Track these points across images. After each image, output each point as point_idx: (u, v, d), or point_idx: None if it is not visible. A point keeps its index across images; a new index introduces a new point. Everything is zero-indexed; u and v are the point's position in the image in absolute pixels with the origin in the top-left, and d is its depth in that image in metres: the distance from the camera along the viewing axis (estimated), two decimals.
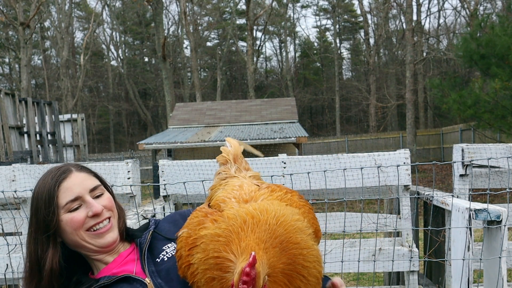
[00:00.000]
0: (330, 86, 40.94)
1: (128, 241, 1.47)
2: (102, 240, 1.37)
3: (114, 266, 1.39)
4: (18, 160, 11.17)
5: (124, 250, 1.44)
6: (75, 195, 1.35)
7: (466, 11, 28.63)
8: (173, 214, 1.59)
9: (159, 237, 1.46)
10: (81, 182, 1.38)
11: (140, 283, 1.31)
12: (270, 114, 17.76)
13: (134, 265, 1.38)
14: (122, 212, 1.48)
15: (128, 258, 1.41)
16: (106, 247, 1.38)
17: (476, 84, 11.99)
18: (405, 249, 3.37)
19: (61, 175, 1.38)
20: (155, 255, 1.39)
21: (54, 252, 1.34)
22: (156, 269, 1.35)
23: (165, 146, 14.85)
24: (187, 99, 36.89)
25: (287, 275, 1.05)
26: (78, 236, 1.35)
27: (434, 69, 33.40)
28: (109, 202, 1.42)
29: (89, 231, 1.36)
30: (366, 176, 3.22)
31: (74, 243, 1.37)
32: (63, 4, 35.42)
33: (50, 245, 1.34)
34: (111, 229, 1.39)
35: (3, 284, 3.47)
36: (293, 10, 44.81)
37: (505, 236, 2.17)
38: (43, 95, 36.31)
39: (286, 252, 1.05)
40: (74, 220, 1.34)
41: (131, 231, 1.49)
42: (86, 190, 1.37)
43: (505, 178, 3.40)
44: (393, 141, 26.80)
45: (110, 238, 1.38)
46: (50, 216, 1.33)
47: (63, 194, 1.35)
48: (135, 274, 1.34)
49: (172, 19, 43.83)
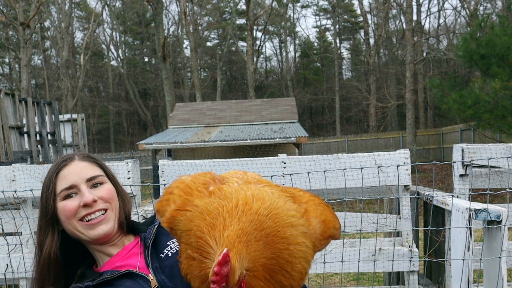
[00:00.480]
0: (330, 86, 40.94)
1: (133, 234, 1.45)
2: (93, 231, 1.35)
3: (117, 259, 1.37)
4: (18, 160, 11.17)
5: (128, 243, 1.42)
6: (70, 183, 1.36)
7: (466, 11, 28.64)
8: None
9: (164, 231, 1.41)
10: (79, 171, 1.38)
11: (144, 279, 1.29)
12: (270, 114, 17.76)
13: (137, 259, 1.36)
14: (126, 204, 1.45)
15: (132, 251, 1.39)
16: (98, 239, 1.36)
17: (476, 84, 11.99)
18: (405, 249, 3.37)
19: (62, 162, 1.40)
20: (159, 250, 1.37)
21: (52, 238, 1.35)
22: (160, 265, 1.33)
23: (165, 146, 14.85)
24: (187, 99, 36.89)
25: (268, 269, 1.02)
26: (71, 225, 1.35)
27: (434, 69, 33.41)
28: (107, 193, 1.39)
29: (82, 221, 1.35)
30: (366, 176, 3.22)
31: (69, 231, 1.38)
32: (63, 4, 35.41)
33: (49, 231, 1.36)
34: (104, 221, 1.36)
35: (3, 284, 3.47)
36: (293, 10, 44.86)
37: (505, 236, 2.17)
38: (43, 95, 36.31)
39: (271, 246, 1.02)
40: (66, 208, 1.34)
41: (136, 224, 1.47)
42: (82, 179, 1.37)
43: (505, 178, 3.40)
44: (393, 141, 26.80)
45: (101, 230, 1.35)
46: (48, 203, 1.36)
47: (60, 181, 1.37)
48: (138, 270, 1.32)
49: (172, 19, 43.90)
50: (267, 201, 1.07)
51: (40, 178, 3.45)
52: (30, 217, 3.16)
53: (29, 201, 3.57)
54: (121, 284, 1.29)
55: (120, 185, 1.48)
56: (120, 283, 1.29)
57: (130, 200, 1.50)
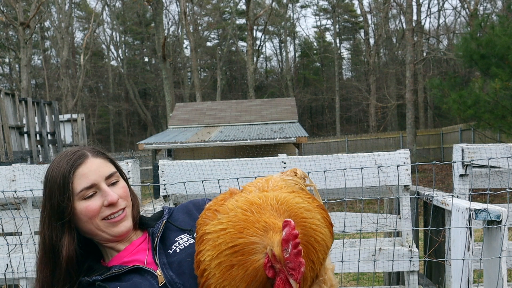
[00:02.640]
0: (330, 86, 40.94)
1: (141, 229, 1.44)
2: (116, 229, 1.34)
3: (125, 254, 1.36)
4: (18, 160, 11.17)
5: (136, 239, 1.40)
6: (90, 182, 1.31)
7: (466, 11, 28.63)
8: (187, 203, 1.53)
9: (172, 227, 1.41)
10: (97, 168, 1.33)
11: (151, 275, 1.28)
12: (270, 114, 17.76)
13: (145, 254, 1.35)
14: (136, 200, 1.44)
15: (140, 247, 1.38)
16: (120, 236, 1.35)
17: (476, 84, 11.99)
18: (405, 249, 3.37)
19: (77, 160, 1.32)
20: (168, 246, 1.36)
21: (70, 239, 1.30)
22: (168, 261, 1.31)
23: (165, 146, 14.85)
24: (187, 99, 36.89)
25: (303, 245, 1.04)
26: (93, 224, 1.32)
27: (434, 69, 33.40)
28: (124, 191, 1.38)
29: (105, 220, 1.32)
30: (366, 176, 3.22)
31: (88, 231, 1.34)
32: (63, 4, 35.40)
33: (65, 232, 1.30)
34: (125, 218, 1.35)
35: (3, 284, 3.47)
36: (293, 10, 44.85)
37: (505, 236, 2.17)
38: (43, 95, 36.30)
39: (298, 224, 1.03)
40: (89, 208, 1.30)
41: (144, 219, 1.45)
42: (102, 178, 1.33)
43: (505, 178, 3.40)
44: (393, 141, 26.79)
45: (124, 227, 1.35)
46: (65, 203, 1.28)
47: (78, 180, 1.30)
48: (146, 265, 1.31)
49: (172, 19, 43.90)
50: (269, 196, 1.11)
51: (40, 178, 3.45)
52: (30, 217, 3.15)
53: (29, 201, 3.57)
54: (129, 279, 1.28)
55: (128, 180, 1.47)
56: (128, 278, 1.28)
57: (137, 195, 1.48)
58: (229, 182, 3.22)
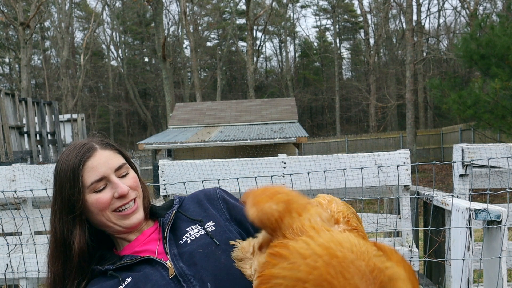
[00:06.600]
0: (330, 86, 40.95)
1: (151, 219, 1.44)
2: (128, 221, 1.33)
3: (136, 244, 1.36)
4: (18, 160, 11.17)
5: (147, 229, 1.40)
6: (100, 175, 1.30)
7: (466, 11, 28.64)
8: (198, 192, 1.51)
9: (183, 217, 1.40)
10: (106, 161, 1.32)
11: (162, 266, 1.27)
12: (270, 114, 17.76)
13: (156, 244, 1.34)
14: (146, 190, 1.43)
15: (151, 237, 1.38)
16: (132, 227, 1.35)
17: (476, 84, 11.98)
18: (405, 249, 3.37)
19: (86, 153, 1.32)
20: (178, 236, 1.34)
21: (82, 232, 1.30)
22: (178, 251, 1.30)
23: (165, 146, 14.85)
24: (187, 99, 36.90)
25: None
26: (104, 217, 1.32)
27: (434, 69, 33.40)
28: (134, 181, 1.37)
29: (116, 212, 1.32)
30: (366, 176, 3.22)
31: (99, 223, 1.34)
32: (63, 4, 35.41)
33: (76, 225, 1.31)
34: (137, 210, 1.35)
35: (3, 284, 3.47)
36: (293, 10, 44.85)
37: (505, 236, 2.17)
38: (43, 95, 36.31)
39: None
40: (100, 201, 1.30)
41: (155, 208, 1.45)
42: (111, 170, 1.32)
43: (505, 178, 3.40)
44: (393, 141, 26.80)
45: (136, 219, 1.35)
46: (75, 196, 1.28)
47: (88, 173, 1.29)
48: (156, 256, 1.30)
49: (172, 19, 43.89)
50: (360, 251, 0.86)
51: (40, 178, 3.45)
52: (30, 217, 3.15)
53: (29, 201, 3.57)
54: (140, 269, 1.28)
55: (138, 170, 1.46)
56: (140, 268, 1.28)
57: (146, 185, 1.48)
58: (229, 182, 3.22)
